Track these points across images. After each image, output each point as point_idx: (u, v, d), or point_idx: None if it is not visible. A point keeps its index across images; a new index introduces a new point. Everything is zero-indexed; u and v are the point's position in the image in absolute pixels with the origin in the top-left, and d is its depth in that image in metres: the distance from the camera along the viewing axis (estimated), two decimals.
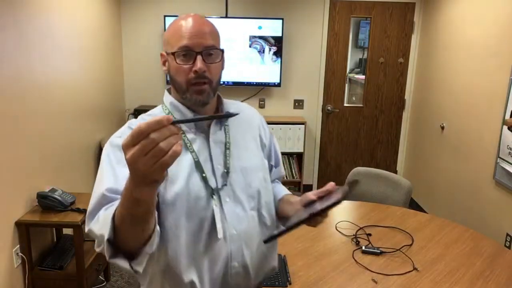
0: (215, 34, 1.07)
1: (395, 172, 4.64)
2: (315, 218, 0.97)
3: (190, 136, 1.09)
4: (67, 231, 2.81)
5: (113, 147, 1.03)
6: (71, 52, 3.11)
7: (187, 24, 1.04)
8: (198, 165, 1.06)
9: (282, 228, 1.07)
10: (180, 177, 1.04)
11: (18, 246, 2.40)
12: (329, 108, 4.54)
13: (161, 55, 1.11)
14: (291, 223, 0.99)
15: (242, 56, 4.18)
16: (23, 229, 2.38)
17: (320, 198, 1.00)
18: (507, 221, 2.75)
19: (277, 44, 4.16)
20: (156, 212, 0.90)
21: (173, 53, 1.03)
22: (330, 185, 0.99)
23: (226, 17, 4.23)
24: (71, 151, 3.12)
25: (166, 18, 4.11)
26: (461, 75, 3.44)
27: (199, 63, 1.01)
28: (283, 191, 1.31)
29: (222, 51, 1.08)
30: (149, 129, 0.64)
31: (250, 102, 4.46)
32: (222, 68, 1.11)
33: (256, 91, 4.43)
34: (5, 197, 2.28)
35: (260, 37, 4.15)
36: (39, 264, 2.52)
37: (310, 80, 4.47)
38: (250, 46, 4.16)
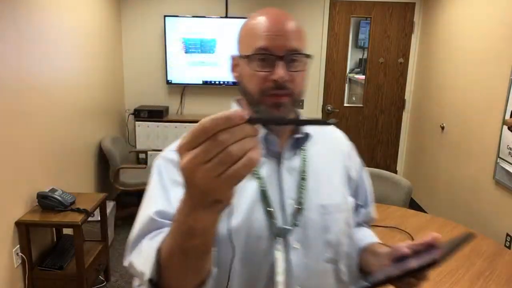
0: (301, 36, 0.85)
1: (395, 172, 4.64)
2: (408, 278, 0.76)
3: None
4: (67, 231, 2.81)
5: (167, 162, 0.86)
6: (71, 52, 3.11)
7: (267, 20, 0.84)
8: (264, 196, 0.84)
9: (363, 284, 0.80)
10: (240, 208, 0.82)
11: (18, 246, 2.40)
12: (329, 108, 4.54)
13: (232, 58, 0.93)
14: (375, 279, 0.78)
15: None
16: (23, 229, 2.38)
17: (416, 252, 0.78)
18: (507, 221, 2.75)
19: None
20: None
21: (246, 56, 0.83)
22: (431, 236, 0.77)
23: (226, 17, 4.23)
24: (71, 151, 3.12)
25: (166, 18, 4.11)
26: (461, 75, 3.44)
27: (279, 70, 0.80)
28: (368, 237, 1.04)
29: (309, 57, 0.86)
30: (216, 127, 0.46)
31: None
32: (307, 78, 0.88)
33: None
34: (5, 197, 2.28)
35: None
36: (39, 264, 2.52)
37: (310, 80, 4.47)
38: None
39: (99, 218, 2.83)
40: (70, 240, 2.71)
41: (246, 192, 0.84)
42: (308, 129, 0.92)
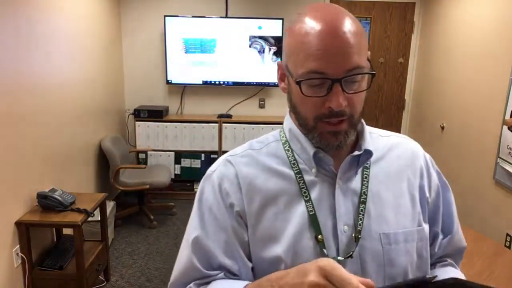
0: (361, 45, 0.70)
1: None
2: None
3: (308, 177, 0.77)
4: (67, 231, 2.81)
5: (214, 187, 0.80)
6: (71, 52, 3.11)
7: (319, 31, 0.68)
8: (313, 221, 0.74)
9: None
10: (285, 235, 0.74)
11: (18, 246, 2.40)
12: None
13: (278, 66, 0.81)
14: None
15: (242, 56, 4.18)
16: (23, 229, 2.38)
17: None
18: (507, 221, 2.75)
19: (277, 44, 4.15)
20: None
21: (297, 82, 0.70)
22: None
23: (226, 17, 4.23)
24: (71, 151, 3.12)
25: (166, 18, 4.11)
26: (461, 75, 3.44)
27: (336, 97, 0.69)
28: (452, 275, 0.81)
29: (373, 74, 0.73)
30: (348, 286, 0.53)
31: (250, 102, 4.47)
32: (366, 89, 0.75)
33: (256, 91, 4.42)
34: (5, 197, 2.28)
35: (260, 37, 4.15)
36: (39, 264, 2.52)
37: None
38: (250, 46, 4.16)
39: (99, 218, 2.83)
40: (70, 240, 2.71)
41: (293, 217, 0.75)
42: (368, 144, 0.79)
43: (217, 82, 4.28)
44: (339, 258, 0.73)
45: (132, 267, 3.10)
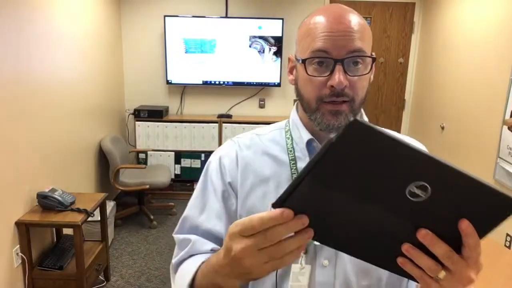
0: (365, 34, 0.76)
1: None
2: None
3: (301, 165, 0.83)
4: (67, 231, 2.81)
5: (218, 166, 0.88)
6: (71, 53, 3.11)
7: (326, 19, 0.75)
8: None
9: None
10: None
11: (18, 246, 2.40)
12: None
13: (289, 59, 0.86)
14: None
15: (242, 56, 4.18)
16: (23, 229, 2.38)
17: None
18: (507, 221, 2.74)
19: (277, 44, 4.15)
20: None
21: (303, 60, 0.76)
22: None
23: (226, 17, 4.23)
24: (71, 151, 3.12)
25: (166, 18, 4.11)
26: (461, 75, 3.44)
27: (338, 76, 0.73)
28: None
29: (374, 59, 0.78)
30: (263, 226, 0.50)
31: (250, 102, 4.47)
32: (370, 81, 0.81)
33: (256, 91, 4.42)
34: (5, 197, 2.28)
35: (260, 37, 4.15)
36: (39, 264, 2.52)
37: None
38: (250, 46, 4.16)
39: (99, 218, 2.83)
40: (70, 240, 2.71)
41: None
42: None
43: (217, 82, 4.28)
44: (316, 243, 0.77)
45: (132, 267, 3.10)
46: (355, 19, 0.75)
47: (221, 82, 4.28)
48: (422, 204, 0.47)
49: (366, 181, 0.47)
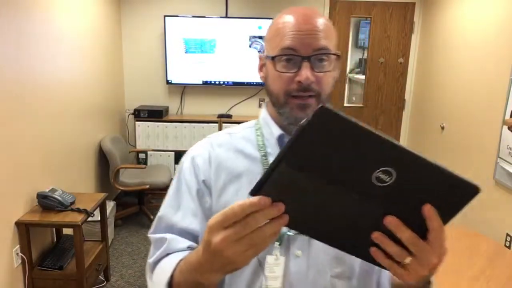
0: (330, 33, 0.82)
1: None
2: None
3: (272, 159, 0.90)
4: (67, 231, 2.81)
5: (191, 165, 0.90)
6: (71, 52, 3.11)
7: (294, 19, 0.81)
8: None
9: None
10: None
11: (18, 246, 2.40)
12: None
13: (259, 57, 0.91)
14: None
15: (242, 56, 4.18)
16: (23, 229, 2.38)
17: None
18: (507, 221, 2.74)
19: None
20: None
21: (272, 58, 0.82)
22: None
23: (226, 17, 4.23)
24: (71, 151, 3.12)
25: (166, 18, 4.11)
26: (461, 75, 3.44)
27: (304, 72, 0.78)
28: None
29: (338, 56, 0.83)
30: (243, 212, 0.52)
31: (250, 102, 4.47)
32: (336, 77, 0.86)
33: (256, 91, 4.42)
34: (5, 197, 2.28)
35: (260, 37, 4.15)
36: (39, 264, 2.52)
37: None
38: (250, 46, 4.16)
39: (99, 218, 2.83)
40: (70, 240, 2.71)
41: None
42: None
43: (217, 82, 4.28)
44: (289, 233, 0.81)
45: (132, 267, 3.10)
46: (320, 20, 0.81)
47: (221, 82, 4.28)
48: (387, 189, 0.49)
49: (335, 166, 0.49)
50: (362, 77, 4.95)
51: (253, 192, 0.52)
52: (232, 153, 0.90)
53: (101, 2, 3.70)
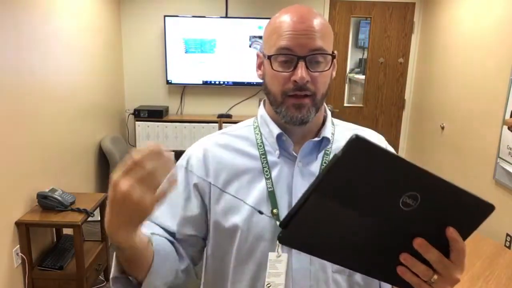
0: (326, 33, 0.83)
1: None
2: None
3: (271, 158, 0.87)
4: (67, 231, 2.81)
5: (178, 168, 0.91)
6: (71, 52, 3.11)
7: (291, 19, 0.81)
8: (271, 197, 0.83)
9: None
10: (244, 207, 0.84)
11: (18, 246, 2.40)
12: (329, 108, 4.53)
13: (257, 55, 0.91)
14: None
15: (242, 56, 4.18)
16: (23, 229, 2.38)
17: None
18: (507, 221, 2.74)
19: None
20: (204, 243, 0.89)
21: (269, 56, 0.83)
22: None
23: (226, 17, 4.23)
24: (71, 151, 3.12)
25: (166, 18, 4.11)
26: (461, 75, 3.44)
27: (300, 72, 0.79)
28: None
29: (333, 56, 0.84)
30: (143, 158, 0.61)
31: (250, 102, 4.47)
32: (332, 77, 0.87)
33: (256, 91, 4.42)
34: (5, 197, 2.28)
35: (260, 37, 4.13)
36: (39, 264, 2.52)
37: None
38: (250, 46, 4.16)
39: (99, 218, 2.83)
40: (70, 240, 2.71)
41: (253, 192, 0.84)
42: (327, 133, 0.90)
43: (217, 82, 4.28)
44: None
45: None
46: (317, 20, 0.82)
47: (221, 82, 4.28)
48: (412, 213, 0.52)
49: (366, 193, 0.51)
50: (362, 77, 4.95)
51: (285, 221, 0.54)
52: (230, 152, 0.90)
53: (101, 2, 3.70)
